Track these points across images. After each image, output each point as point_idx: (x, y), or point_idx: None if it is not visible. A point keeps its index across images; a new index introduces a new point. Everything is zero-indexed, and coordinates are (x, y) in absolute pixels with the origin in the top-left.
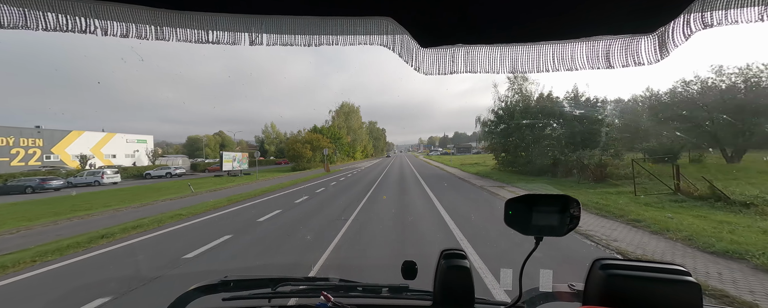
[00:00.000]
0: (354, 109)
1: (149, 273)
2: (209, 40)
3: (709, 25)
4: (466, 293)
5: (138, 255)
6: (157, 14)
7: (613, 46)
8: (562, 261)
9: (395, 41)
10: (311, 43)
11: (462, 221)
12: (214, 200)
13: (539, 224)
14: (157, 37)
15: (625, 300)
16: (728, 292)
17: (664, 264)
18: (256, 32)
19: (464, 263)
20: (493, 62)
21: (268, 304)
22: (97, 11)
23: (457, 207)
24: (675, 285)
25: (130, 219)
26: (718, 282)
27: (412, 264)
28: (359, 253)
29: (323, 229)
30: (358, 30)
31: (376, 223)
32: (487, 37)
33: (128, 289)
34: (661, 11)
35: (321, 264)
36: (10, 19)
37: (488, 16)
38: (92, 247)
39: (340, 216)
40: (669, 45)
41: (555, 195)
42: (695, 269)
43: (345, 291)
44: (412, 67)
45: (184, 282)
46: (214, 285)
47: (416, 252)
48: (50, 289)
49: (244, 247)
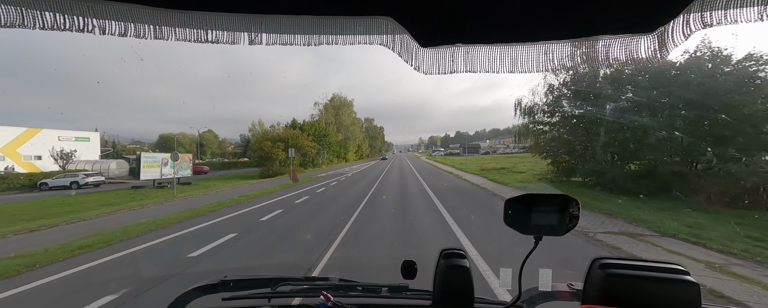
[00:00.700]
0: (346, 102)
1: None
2: (208, 40)
3: (708, 24)
4: (466, 292)
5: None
6: (155, 13)
7: (613, 45)
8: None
9: (395, 41)
10: (311, 43)
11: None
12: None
13: (539, 223)
14: (155, 37)
15: (624, 299)
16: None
17: (664, 263)
18: (256, 32)
19: (464, 263)
20: (493, 62)
21: (268, 304)
22: (96, 10)
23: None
24: (674, 284)
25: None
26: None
27: (411, 263)
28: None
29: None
30: (357, 29)
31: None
32: (487, 36)
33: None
34: (660, 11)
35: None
36: (8, 18)
37: (488, 15)
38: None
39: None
40: (669, 44)
41: (554, 194)
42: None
43: (345, 291)
44: (412, 67)
45: (183, 282)
46: (213, 285)
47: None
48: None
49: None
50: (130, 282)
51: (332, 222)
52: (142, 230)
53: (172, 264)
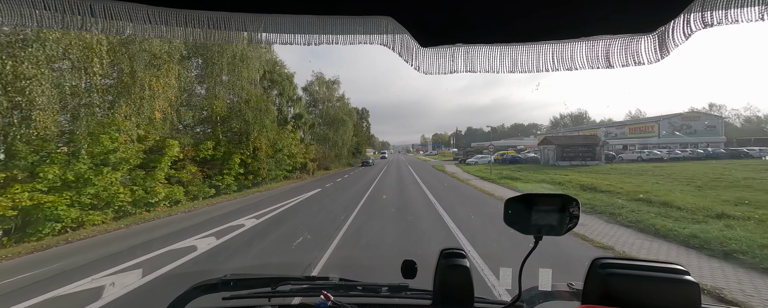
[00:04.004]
0: (329, 83)
1: None
2: (208, 39)
3: (709, 24)
4: (466, 292)
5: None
6: (155, 12)
7: (613, 45)
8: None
9: (395, 41)
10: (311, 42)
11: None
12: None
13: (539, 223)
14: (156, 36)
15: (624, 299)
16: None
17: (663, 263)
18: (256, 31)
19: (464, 262)
20: (493, 61)
21: (268, 303)
22: (95, 9)
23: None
24: (674, 284)
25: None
26: None
27: (411, 263)
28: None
29: None
30: (357, 29)
31: None
32: (487, 36)
33: None
34: (661, 11)
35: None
36: (7, 16)
37: (488, 15)
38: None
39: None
40: (669, 44)
41: (554, 194)
42: None
43: (345, 291)
44: (412, 67)
45: (184, 281)
46: (214, 284)
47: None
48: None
49: None
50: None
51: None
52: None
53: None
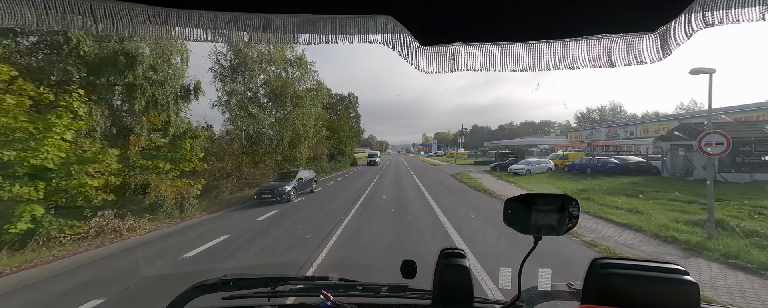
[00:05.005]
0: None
1: None
2: (208, 38)
3: (710, 24)
4: (465, 292)
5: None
6: (154, 12)
7: (615, 44)
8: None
9: (395, 40)
10: (311, 42)
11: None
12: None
13: (538, 223)
14: (156, 36)
15: (623, 299)
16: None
17: (663, 263)
18: (256, 30)
19: (463, 262)
20: (494, 60)
21: (268, 303)
22: (95, 9)
23: None
24: (673, 284)
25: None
26: None
27: (411, 263)
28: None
29: None
30: (357, 28)
31: None
32: (488, 35)
33: None
34: (662, 10)
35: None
36: (7, 16)
37: (488, 14)
38: None
39: None
40: (671, 43)
41: (554, 194)
42: None
43: (344, 290)
44: (413, 66)
45: (184, 281)
46: (213, 284)
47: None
48: None
49: None
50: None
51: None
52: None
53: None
